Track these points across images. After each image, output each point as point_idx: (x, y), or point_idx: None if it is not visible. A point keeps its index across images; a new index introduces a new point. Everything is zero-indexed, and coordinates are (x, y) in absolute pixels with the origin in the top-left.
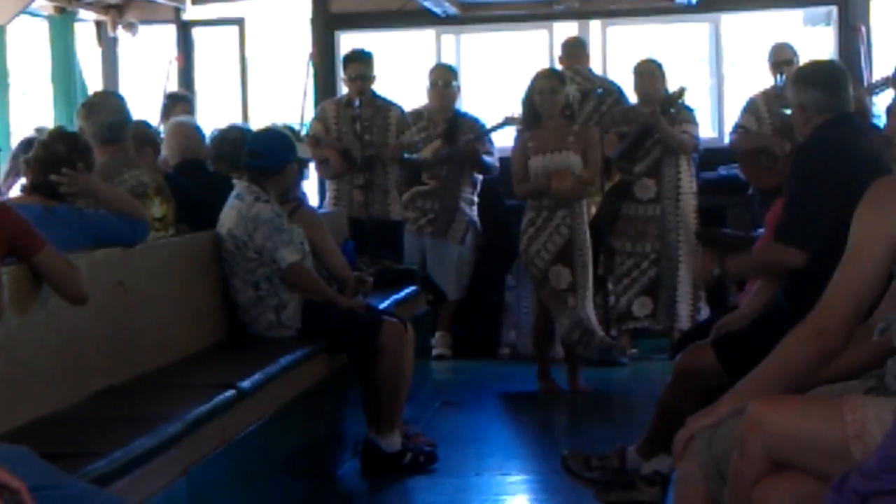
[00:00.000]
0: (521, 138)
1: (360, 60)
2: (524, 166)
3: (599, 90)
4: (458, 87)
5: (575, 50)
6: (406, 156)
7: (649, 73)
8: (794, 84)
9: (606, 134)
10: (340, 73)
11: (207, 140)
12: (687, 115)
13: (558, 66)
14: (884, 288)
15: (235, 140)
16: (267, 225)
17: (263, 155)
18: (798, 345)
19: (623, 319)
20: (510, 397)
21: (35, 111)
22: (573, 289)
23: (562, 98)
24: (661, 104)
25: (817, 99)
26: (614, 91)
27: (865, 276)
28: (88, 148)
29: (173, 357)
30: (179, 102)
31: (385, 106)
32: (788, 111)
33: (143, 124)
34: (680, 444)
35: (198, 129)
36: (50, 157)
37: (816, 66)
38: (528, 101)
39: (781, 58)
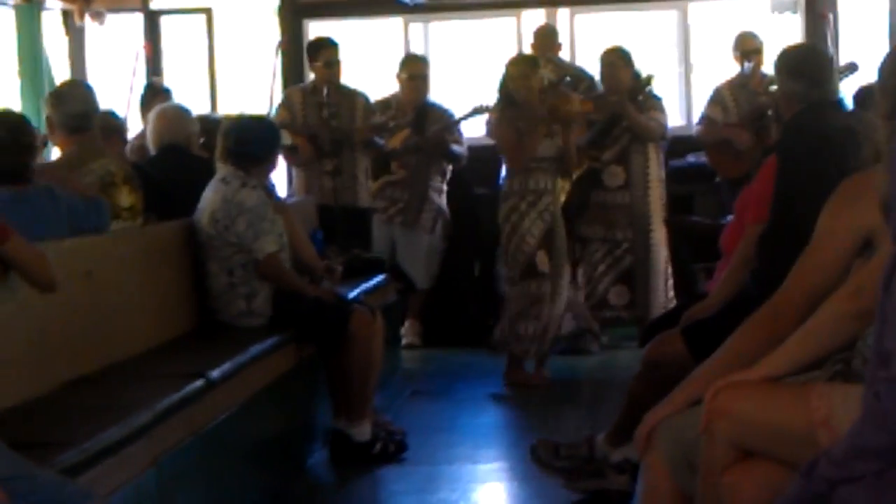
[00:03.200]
0: (503, 117)
1: (331, 47)
2: (517, 140)
3: (568, 78)
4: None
5: (546, 39)
6: (377, 140)
7: (615, 61)
8: (776, 72)
9: None
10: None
11: None
12: (655, 102)
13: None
14: (840, 281)
15: (214, 129)
16: (251, 212)
17: (252, 142)
18: (751, 332)
19: (598, 307)
20: (480, 386)
21: (1, 101)
22: (550, 276)
23: (536, 82)
24: (628, 92)
25: (795, 90)
26: (585, 79)
27: (825, 267)
28: (28, 124)
29: (142, 346)
30: (158, 94)
31: (351, 93)
32: (774, 87)
33: (110, 114)
34: (641, 439)
35: (185, 113)
36: None
37: (796, 55)
38: (504, 88)
39: (748, 47)
